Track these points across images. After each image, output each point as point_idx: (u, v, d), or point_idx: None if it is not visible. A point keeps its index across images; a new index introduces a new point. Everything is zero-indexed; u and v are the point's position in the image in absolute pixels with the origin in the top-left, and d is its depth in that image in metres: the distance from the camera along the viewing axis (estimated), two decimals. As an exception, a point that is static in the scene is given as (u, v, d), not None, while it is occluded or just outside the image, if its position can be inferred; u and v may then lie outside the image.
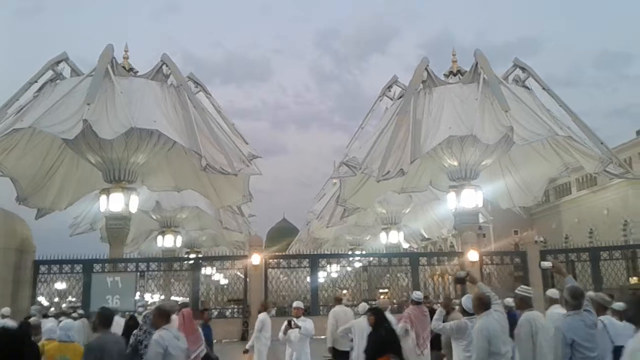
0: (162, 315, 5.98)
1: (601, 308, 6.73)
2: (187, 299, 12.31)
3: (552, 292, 8.06)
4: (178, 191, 29.07)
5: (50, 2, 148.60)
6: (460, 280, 7.13)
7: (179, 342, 6.01)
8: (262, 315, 11.86)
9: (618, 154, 27.95)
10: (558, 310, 7.03)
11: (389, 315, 9.71)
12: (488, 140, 22.95)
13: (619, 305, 7.38)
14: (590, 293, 6.81)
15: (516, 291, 6.85)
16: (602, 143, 24.65)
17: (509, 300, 9.05)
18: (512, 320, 6.78)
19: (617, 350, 5.74)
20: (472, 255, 23.24)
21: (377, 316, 8.49)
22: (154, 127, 22.35)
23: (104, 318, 5.80)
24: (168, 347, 5.81)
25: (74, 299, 24.57)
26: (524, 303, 6.71)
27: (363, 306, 10.52)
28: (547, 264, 6.70)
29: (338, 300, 11.93)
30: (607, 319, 6.68)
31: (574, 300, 5.20)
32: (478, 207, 26.31)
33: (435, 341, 9.44)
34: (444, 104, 24.54)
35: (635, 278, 28.04)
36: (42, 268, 22.37)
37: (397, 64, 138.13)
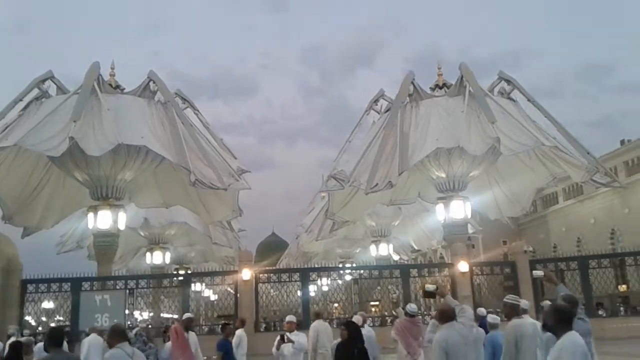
0: (115, 334, 6.06)
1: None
2: (191, 315, 12.15)
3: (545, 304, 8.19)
4: (166, 207, 28.94)
5: (33, 20, 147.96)
6: (429, 294, 7.05)
7: (131, 359, 5.98)
8: (240, 332, 11.83)
9: (604, 164, 28.31)
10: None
11: (367, 329, 9.74)
12: (475, 151, 23.16)
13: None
14: (546, 302, 7.04)
15: (505, 299, 6.90)
16: (588, 153, 25.01)
17: (493, 316, 9.09)
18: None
19: None
20: (462, 266, 23.28)
21: (349, 331, 7.83)
22: (141, 143, 22.30)
23: (55, 338, 5.84)
24: None
25: (62, 318, 24.28)
26: (512, 311, 6.72)
27: (357, 318, 10.49)
28: (539, 273, 6.77)
29: (317, 315, 11.90)
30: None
31: (569, 309, 5.22)
32: (467, 218, 26.45)
33: None
34: (430, 116, 24.75)
35: (624, 286, 28.26)
36: (30, 287, 22.07)
37: (384, 77, 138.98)
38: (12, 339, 7.82)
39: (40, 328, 24.55)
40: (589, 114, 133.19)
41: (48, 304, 24.58)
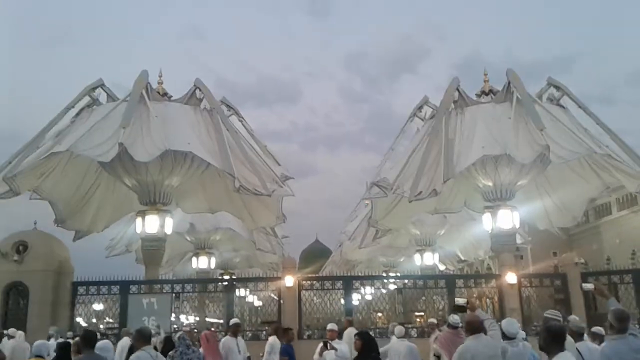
0: (141, 337, 6.33)
1: (576, 335, 7.06)
2: (237, 320, 12.35)
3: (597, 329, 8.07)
4: (212, 213, 29.34)
5: (79, 31, 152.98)
6: (460, 309, 7.04)
7: None
8: (272, 339, 11.95)
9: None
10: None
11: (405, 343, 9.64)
12: (523, 159, 22.55)
13: (598, 329, 7.71)
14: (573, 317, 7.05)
15: (545, 314, 6.83)
16: (643, 161, 23.96)
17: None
18: None
19: None
20: (510, 278, 22.72)
21: (364, 341, 7.77)
22: (188, 150, 22.68)
23: (88, 339, 6.01)
24: None
25: (111, 320, 24.88)
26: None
27: (399, 329, 10.33)
28: (589, 285, 6.55)
29: (349, 323, 11.93)
30: (584, 344, 6.86)
31: (619, 324, 4.99)
32: (515, 228, 25.77)
33: None
34: (476, 123, 24.26)
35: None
36: (80, 289, 22.72)
37: (428, 84, 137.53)
38: (52, 340, 8.05)
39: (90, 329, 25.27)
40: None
41: (98, 306, 25.25)
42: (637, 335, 4.99)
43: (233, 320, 12.06)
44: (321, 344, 10.06)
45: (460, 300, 7.15)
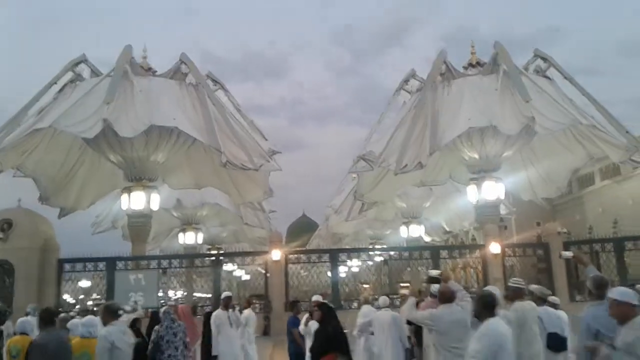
0: (109, 312, 6.53)
1: (540, 300, 7.73)
2: (229, 293, 12.40)
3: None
4: (198, 188, 29.26)
5: (67, 8, 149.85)
6: (433, 280, 7.27)
7: (124, 336, 6.47)
8: (247, 312, 12.06)
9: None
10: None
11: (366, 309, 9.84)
12: (509, 131, 22.69)
13: (553, 298, 8.47)
14: (533, 286, 7.99)
15: (508, 283, 7.28)
16: (627, 132, 24.10)
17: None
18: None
19: (550, 336, 7.22)
20: (494, 248, 23.03)
21: (324, 312, 7.80)
22: (173, 125, 22.53)
23: (45, 318, 6.29)
24: (115, 342, 6.28)
25: (98, 297, 24.93)
26: (516, 294, 7.11)
27: (384, 299, 10.45)
28: (568, 253, 6.72)
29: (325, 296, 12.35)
30: (544, 309, 7.56)
31: (598, 290, 5.12)
32: (499, 199, 26.05)
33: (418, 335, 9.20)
34: (463, 95, 24.30)
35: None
36: (67, 266, 22.68)
37: (416, 56, 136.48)
38: (29, 317, 8.04)
39: (78, 306, 25.30)
40: (629, 91, 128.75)
41: (85, 283, 25.26)
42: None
43: (225, 294, 12.02)
44: (307, 314, 10.27)
45: (433, 272, 7.46)
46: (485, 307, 5.03)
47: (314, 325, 9.98)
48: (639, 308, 4.43)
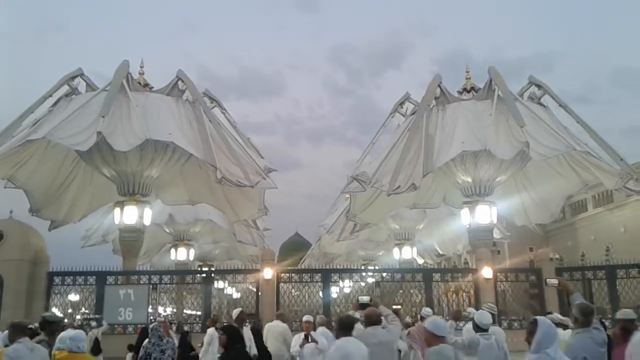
0: (17, 330, 6.33)
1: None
2: (241, 308, 12.23)
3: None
4: (192, 205, 29.19)
5: (69, 20, 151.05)
6: (363, 306, 7.32)
7: (32, 353, 6.22)
8: (211, 330, 11.87)
9: (638, 171, 27.52)
10: None
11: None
12: (503, 155, 22.82)
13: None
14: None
15: (482, 306, 7.52)
16: (621, 159, 24.22)
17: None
18: None
19: None
20: (486, 272, 22.99)
21: (229, 336, 7.16)
22: (169, 140, 22.55)
23: (18, 330, 6.24)
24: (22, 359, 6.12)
25: (87, 311, 24.66)
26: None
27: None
28: (553, 281, 6.69)
29: (279, 316, 12.21)
30: (494, 326, 8.04)
31: (584, 317, 5.12)
32: (493, 223, 26.09)
33: None
34: (457, 120, 24.46)
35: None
36: (56, 279, 22.48)
37: (412, 79, 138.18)
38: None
39: (66, 320, 24.97)
40: (622, 120, 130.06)
41: (74, 297, 24.98)
42: (600, 329, 5.13)
43: (236, 310, 11.57)
44: (302, 336, 10.11)
45: (364, 298, 7.68)
46: (341, 328, 5.69)
47: (309, 347, 9.87)
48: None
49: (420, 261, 40.77)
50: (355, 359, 5.49)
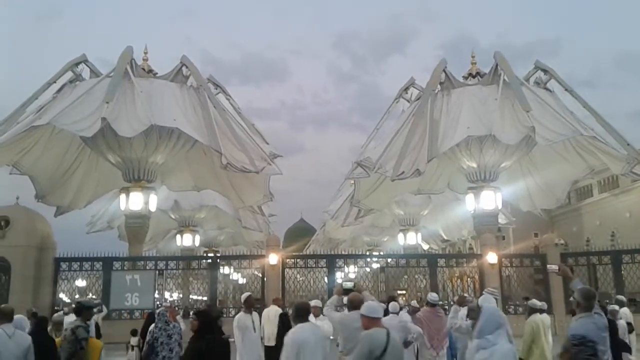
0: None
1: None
2: (248, 293, 12.13)
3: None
4: (197, 191, 29.25)
5: (69, 6, 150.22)
6: (347, 291, 7.27)
7: (10, 340, 6.12)
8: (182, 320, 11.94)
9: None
10: None
11: (404, 315, 9.67)
12: (508, 140, 22.72)
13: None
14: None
15: (484, 291, 7.49)
16: (628, 144, 24.01)
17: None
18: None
19: None
20: (491, 258, 23.02)
21: (201, 322, 6.84)
22: (173, 125, 22.55)
23: (1, 315, 6.19)
24: None
25: (94, 296, 24.85)
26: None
27: (394, 305, 10.18)
28: (553, 267, 6.64)
29: (275, 301, 12.33)
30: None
31: (586, 302, 5.11)
32: (497, 208, 26.06)
33: None
34: (462, 105, 24.34)
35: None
36: (63, 265, 22.67)
37: (417, 64, 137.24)
38: (57, 315, 8.02)
39: (73, 306, 25.15)
40: (629, 105, 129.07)
41: (81, 282, 25.17)
42: (601, 314, 5.13)
43: (245, 294, 11.15)
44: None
45: (347, 284, 7.59)
46: (297, 315, 5.79)
47: None
48: None
49: (425, 247, 40.81)
50: (309, 345, 5.55)
